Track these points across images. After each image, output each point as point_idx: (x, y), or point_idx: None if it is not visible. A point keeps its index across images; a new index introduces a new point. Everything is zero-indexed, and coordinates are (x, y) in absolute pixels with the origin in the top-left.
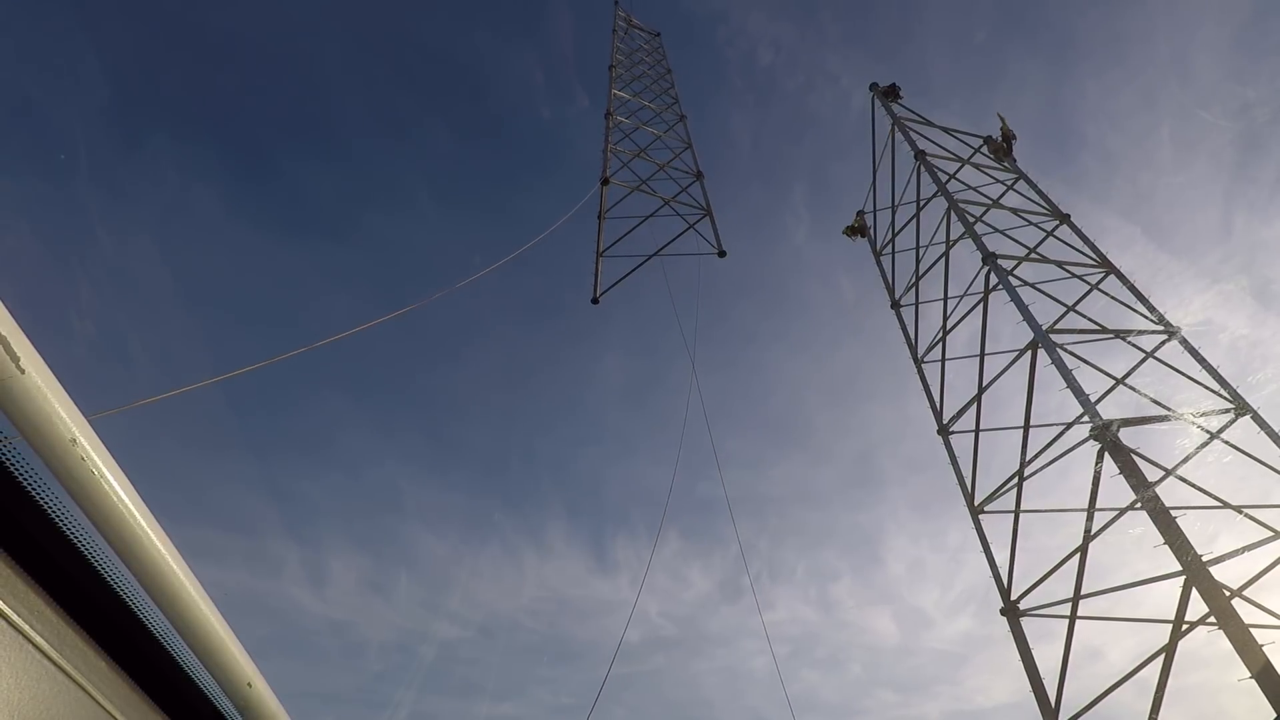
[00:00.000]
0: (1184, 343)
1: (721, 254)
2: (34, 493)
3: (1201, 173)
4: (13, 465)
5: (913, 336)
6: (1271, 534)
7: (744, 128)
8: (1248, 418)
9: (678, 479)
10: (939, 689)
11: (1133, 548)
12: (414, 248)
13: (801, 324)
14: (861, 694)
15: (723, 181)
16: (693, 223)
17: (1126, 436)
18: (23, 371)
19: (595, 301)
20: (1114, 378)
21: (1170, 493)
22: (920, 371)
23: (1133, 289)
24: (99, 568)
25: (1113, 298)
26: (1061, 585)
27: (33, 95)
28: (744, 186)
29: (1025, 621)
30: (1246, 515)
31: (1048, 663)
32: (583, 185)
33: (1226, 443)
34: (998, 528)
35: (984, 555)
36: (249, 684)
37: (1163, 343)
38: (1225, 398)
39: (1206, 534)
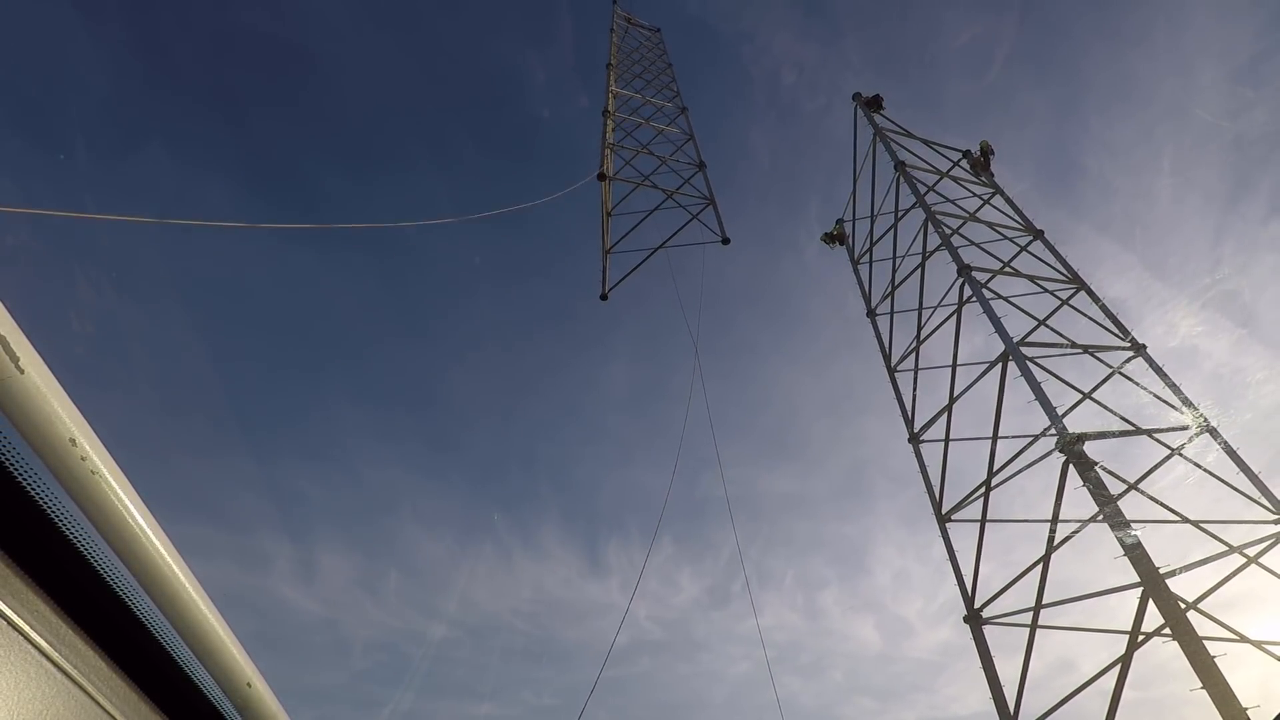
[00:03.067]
0: (1149, 360)
1: (725, 241)
2: (33, 493)
3: (1195, 205)
4: (12, 465)
5: (887, 346)
6: (1226, 549)
7: (763, 145)
8: (1219, 433)
9: (675, 483)
10: (916, 697)
11: (1110, 560)
12: (420, 247)
13: (802, 337)
14: (841, 700)
15: (739, 195)
16: (696, 213)
17: (1094, 450)
18: (22, 371)
19: (604, 298)
20: (1081, 391)
21: (1146, 507)
22: (893, 380)
23: (1102, 306)
24: (98, 568)
25: (1082, 313)
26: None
27: (33, 94)
28: (761, 202)
29: (1004, 633)
30: (1203, 530)
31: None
32: (588, 186)
33: (1187, 458)
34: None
35: (950, 563)
36: (249, 684)
37: (1129, 359)
38: (1186, 414)
39: (1181, 548)
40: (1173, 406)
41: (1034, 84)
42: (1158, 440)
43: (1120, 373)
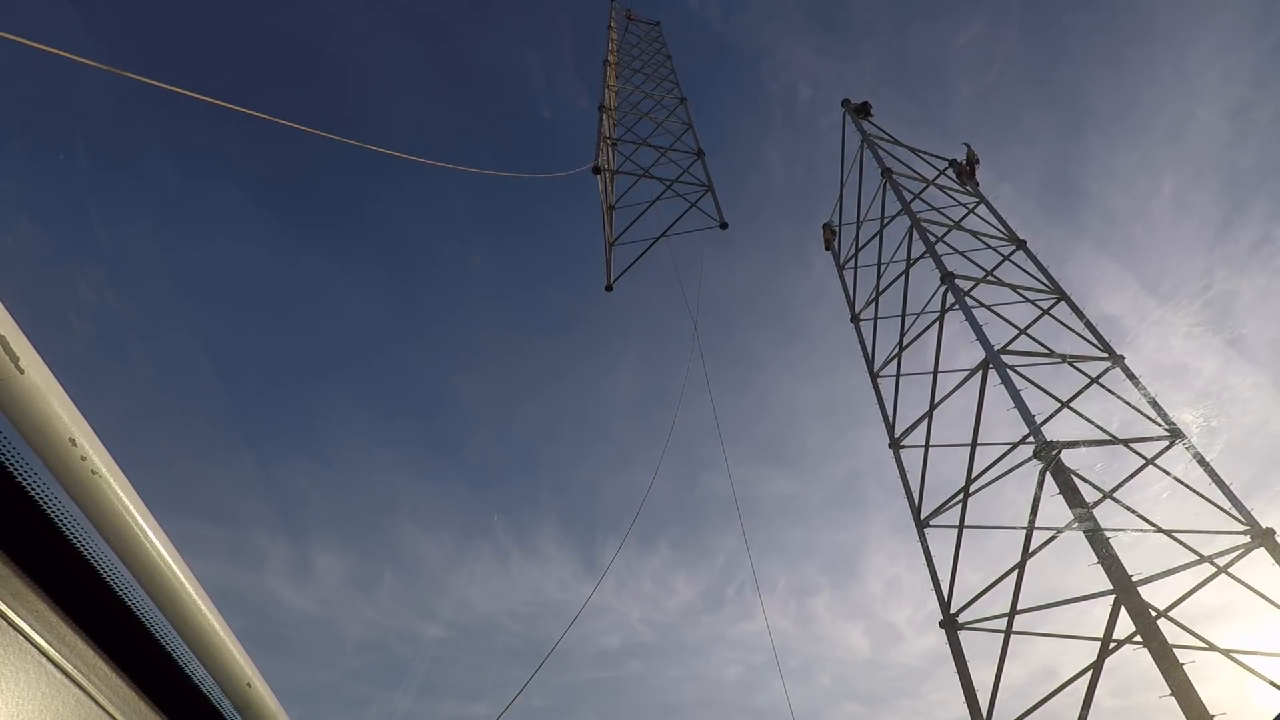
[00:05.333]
0: (1126, 370)
1: (723, 226)
2: (33, 493)
3: (1190, 230)
4: (12, 465)
5: (870, 351)
6: (1196, 558)
7: (779, 159)
8: (1194, 446)
9: (673, 485)
10: (901, 702)
11: (1087, 567)
12: (425, 249)
13: (803, 346)
14: (828, 705)
15: (751, 208)
16: (694, 200)
17: (1079, 459)
18: (22, 371)
19: (609, 289)
20: (1060, 400)
21: (1126, 517)
22: (875, 386)
23: (1081, 316)
24: (98, 568)
25: (1063, 324)
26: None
27: (32, 93)
28: (773, 215)
29: (990, 640)
30: (1175, 539)
31: (1006, 679)
32: (588, 183)
33: (1161, 469)
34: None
35: (928, 568)
36: (249, 684)
37: (1107, 369)
38: (1162, 425)
39: (1164, 561)
40: (1149, 418)
41: (1041, 106)
42: (1134, 450)
43: (1099, 383)
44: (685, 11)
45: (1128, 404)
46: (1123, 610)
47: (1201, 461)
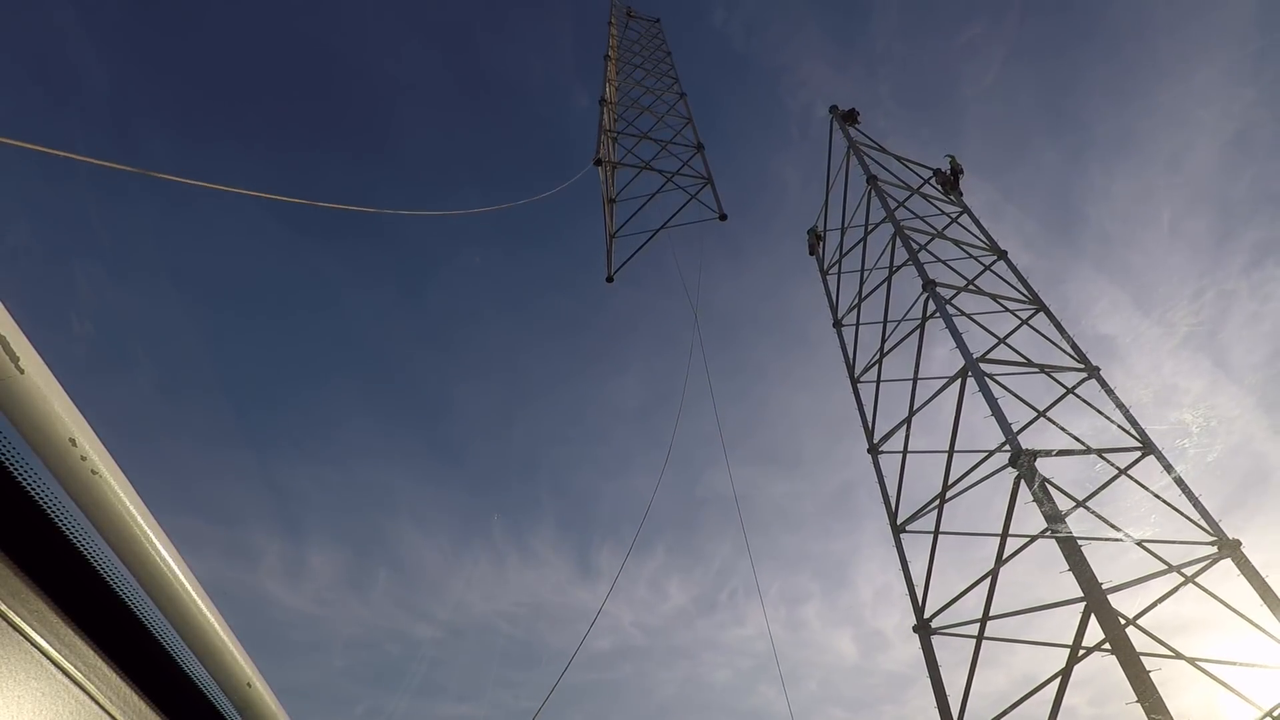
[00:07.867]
0: (1102, 382)
1: (722, 217)
2: (33, 493)
3: (1184, 254)
4: (12, 465)
5: (851, 357)
6: (1164, 568)
7: (794, 177)
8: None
9: (670, 490)
10: (884, 708)
11: (1060, 575)
12: (433, 252)
13: (800, 357)
14: (814, 709)
15: (764, 220)
16: (694, 193)
17: (1063, 468)
18: (22, 371)
19: (609, 280)
20: (1036, 409)
21: (1103, 528)
22: (855, 391)
23: (1059, 327)
24: (98, 568)
25: (1042, 334)
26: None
27: (32, 94)
28: (785, 225)
29: (971, 647)
30: (1146, 549)
31: (988, 686)
32: (589, 176)
33: (1133, 479)
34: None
35: (903, 573)
36: (249, 684)
37: (1082, 380)
38: (1134, 436)
39: (1144, 572)
40: (1124, 429)
41: (1047, 133)
42: (1107, 460)
43: (1075, 394)
44: (707, 29)
45: (1103, 415)
46: (1093, 617)
47: (1171, 472)
